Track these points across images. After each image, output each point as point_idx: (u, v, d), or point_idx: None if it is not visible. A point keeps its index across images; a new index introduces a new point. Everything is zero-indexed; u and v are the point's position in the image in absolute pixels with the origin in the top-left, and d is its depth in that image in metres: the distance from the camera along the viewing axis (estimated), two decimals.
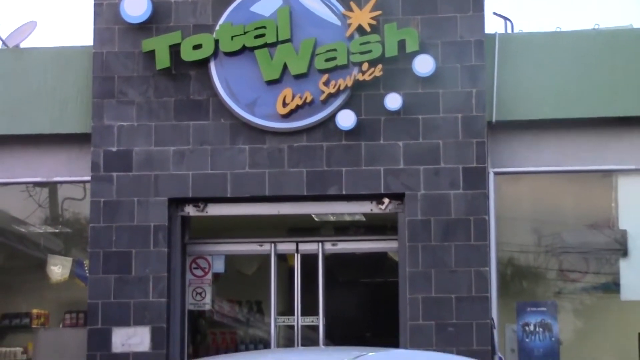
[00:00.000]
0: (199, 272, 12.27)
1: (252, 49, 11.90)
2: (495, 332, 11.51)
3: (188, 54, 11.96)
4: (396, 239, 11.99)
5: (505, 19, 13.00)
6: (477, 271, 11.55)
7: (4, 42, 13.04)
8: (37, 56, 12.79)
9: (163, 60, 11.98)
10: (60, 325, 13.55)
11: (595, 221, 12.55)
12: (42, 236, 14.02)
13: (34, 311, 13.79)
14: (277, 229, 12.63)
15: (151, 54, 12.04)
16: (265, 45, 11.87)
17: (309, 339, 12.11)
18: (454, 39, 11.89)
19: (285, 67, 11.85)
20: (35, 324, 13.72)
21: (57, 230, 13.95)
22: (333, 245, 12.35)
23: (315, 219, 12.74)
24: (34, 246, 14.10)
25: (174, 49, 11.99)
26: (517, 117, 11.97)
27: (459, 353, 10.05)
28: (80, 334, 12.17)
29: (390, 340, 11.57)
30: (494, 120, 11.87)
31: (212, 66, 11.99)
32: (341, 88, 11.75)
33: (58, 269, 13.64)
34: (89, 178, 12.15)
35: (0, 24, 13.21)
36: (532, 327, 11.96)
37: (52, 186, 13.36)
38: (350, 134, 11.77)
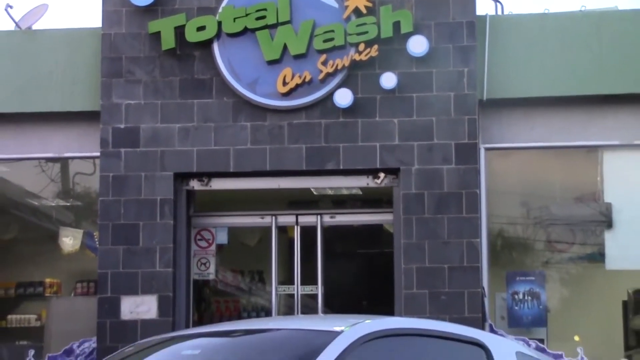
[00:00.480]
0: (203, 244, 12.26)
1: (254, 30, 11.87)
2: (485, 300, 11.52)
3: (192, 35, 11.94)
4: (391, 212, 11.97)
5: (496, 1, 13.01)
6: (468, 242, 11.54)
7: (17, 24, 12.99)
8: (48, 37, 12.76)
9: (168, 41, 11.96)
10: (72, 294, 13.59)
11: (581, 194, 12.55)
12: (54, 209, 14.01)
13: (47, 280, 13.81)
14: (278, 203, 12.61)
15: (157, 36, 12.02)
16: (266, 26, 11.84)
17: (309, 307, 12.12)
18: (447, 21, 11.86)
19: (285, 47, 11.82)
20: (48, 293, 13.75)
21: (68, 204, 13.95)
22: (331, 217, 12.34)
23: (314, 193, 12.76)
24: (47, 219, 14.10)
25: (179, 31, 11.97)
26: (507, 95, 11.94)
27: (451, 320, 10.00)
28: (91, 302, 12.18)
29: (385, 308, 11.57)
30: (484, 98, 11.84)
31: (215, 47, 11.96)
32: (339, 68, 11.73)
33: (69, 240, 13.66)
34: (98, 154, 12.14)
35: (13, 6, 12.98)
36: (521, 296, 11.97)
37: (63, 161, 13.33)
38: (348, 111, 11.74)
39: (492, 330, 11.13)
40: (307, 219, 12.32)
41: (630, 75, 11.86)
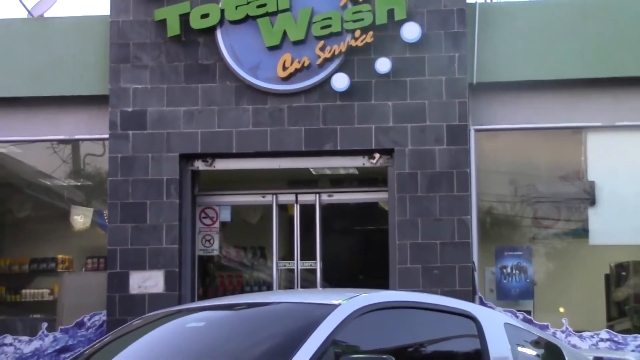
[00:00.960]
0: (207, 221, 12.26)
1: (255, 17, 11.86)
2: (475, 274, 11.54)
3: (196, 23, 11.92)
4: (386, 190, 11.96)
5: None
6: (459, 219, 11.54)
7: (29, 12, 13.00)
8: (59, 25, 12.75)
9: (174, 28, 11.94)
10: (83, 269, 13.63)
11: (566, 173, 12.56)
12: (65, 189, 14.03)
13: (59, 256, 13.84)
14: (278, 182, 12.62)
15: (163, 23, 12.00)
16: (266, 14, 11.82)
17: (308, 281, 12.13)
18: (438, 8, 11.84)
19: (285, 34, 11.80)
20: (61, 268, 13.78)
21: (79, 183, 13.98)
22: (329, 196, 12.34)
23: (313, 173, 12.76)
24: (59, 198, 14.11)
25: (184, 18, 11.95)
26: (496, 79, 11.93)
27: (443, 293, 10.01)
28: (101, 277, 12.19)
29: (381, 282, 11.58)
30: (474, 82, 11.83)
31: (219, 33, 11.95)
32: (336, 53, 11.72)
33: (80, 218, 13.69)
34: (107, 136, 12.14)
35: None
36: (509, 270, 11.98)
37: (74, 143, 13.35)
38: (344, 94, 11.73)
39: (481, 303, 11.13)
40: (306, 198, 12.30)
41: (612, 60, 11.85)
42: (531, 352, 6.94)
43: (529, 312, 11.69)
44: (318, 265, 12.07)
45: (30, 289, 13.89)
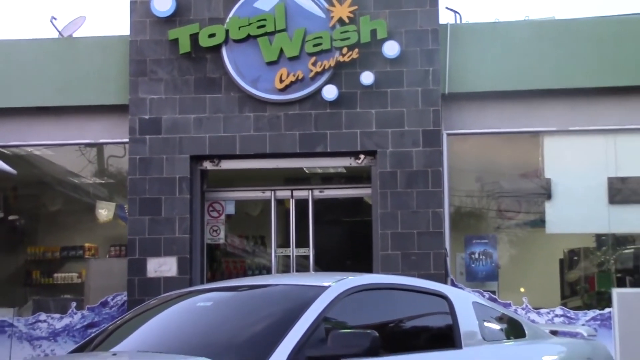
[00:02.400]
0: (214, 214, 12.24)
1: (255, 37, 11.83)
2: (448, 259, 11.52)
3: (204, 41, 11.88)
4: (370, 187, 11.95)
5: (455, 12, 13.09)
6: (433, 212, 11.53)
7: (60, 33, 13.00)
8: (85, 44, 12.72)
9: (185, 46, 11.90)
10: (107, 256, 13.62)
11: (525, 171, 12.57)
12: (91, 186, 14.03)
13: (86, 245, 13.85)
14: (276, 180, 12.57)
15: (175, 41, 11.96)
16: (265, 34, 11.80)
17: (302, 265, 12.11)
18: (415, 28, 11.82)
19: (281, 51, 11.77)
20: (87, 255, 13.79)
21: (103, 181, 13.96)
22: (320, 192, 12.32)
23: (306, 171, 12.73)
24: (85, 194, 14.10)
25: (193, 37, 11.91)
26: (465, 89, 11.93)
27: (419, 276, 10.00)
28: (122, 263, 12.15)
29: (365, 266, 11.56)
30: (446, 92, 11.82)
31: (224, 51, 11.91)
32: (326, 68, 11.70)
33: (104, 211, 13.69)
34: (127, 140, 12.10)
35: (57, 18, 12.97)
36: (476, 255, 11.98)
37: (98, 146, 13.32)
38: (333, 104, 11.71)
39: (453, 284, 11.11)
40: (301, 193, 12.28)
41: (564, 73, 11.85)
42: (496, 326, 6.93)
43: (494, 292, 11.70)
44: (311, 252, 12.05)
45: (61, 273, 13.89)
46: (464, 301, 6.72)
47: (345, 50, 11.67)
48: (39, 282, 13.79)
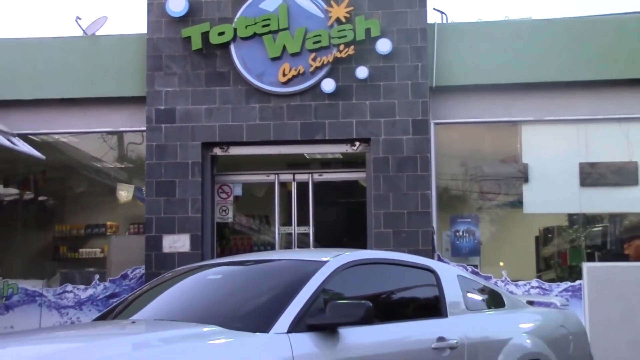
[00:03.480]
0: (223, 195, 12.22)
1: (261, 35, 11.78)
2: (434, 237, 11.52)
3: (215, 39, 11.84)
4: (364, 171, 11.92)
5: (442, 12, 13.07)
6: (422, 194, 11.51)
7: (84, 31, 12.96)
8: (107, 41, 12.68)
9: (197, 43, 11.86)
10: (126, 233, 13.63)
11: (505, 157, 12.55)
12: (112, 170, 14.02)
13: (108, 223, 13.86)
14: (279, 164, 12.53)
15: (188, 39, 11.92)
16: (270, 32, 11.75)
17: (303, 242, 12.10)
18: (405, 27, 11.78)
19: (284, 47, 11.72)
20: (109, 232, 13.81)
21: (123, 166, 13.95)
22: (319, 175, 12.31)
23: (307, 157, 12.70)
24: (107, 177, 14.10)
25: (204, 35, 11.86)
26: (451, 83, 11.89)
27: (409, 252, 9.98)
28: (141, 239, 12.13)
29: (360, 243, 11.56)
30: (434, 85, 11.79)
31: (232, 47, 11.86)
32: (324, 63, 11.66)
33: (124, 193, 13.68)
34: (145, 128, 12.06)
35: (81, 18, 12.94)
36: (460, 233, 11.97)
37: (119, 134, 13.28)
38: (331, 95, 11.67)
39: (439, 259, 11.11)
40: (301, 177, 12.26)
41: (540, 68, 11.81)
42: (478, 297, 6.94)
43: (476, 266, 11.70)
44: (311, 230, 12.04)
45: (86, 248, 13.91)
46: (449, 274, 6.73)
47: (342, 47, 11.64)
48: (66, 257, 13.80)
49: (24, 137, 12.17)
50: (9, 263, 13.29)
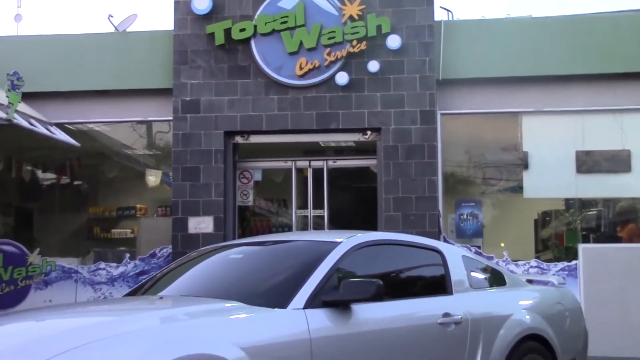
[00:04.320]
0: (244, 180, 12.22)
1: (279, 31, 11.75)
2: (440, 219, 11.50)
3: (236, 35, 11.82)
4: (375, 158, 11.89)
5: (448, 10, 13.08)
6: (429, 179, 11.48)
7: (116, 28, 12.96)
8: (137, 37, 12.68)
9: (220, 39, 11.85)
10: (155, 215, 13.61)
11: (506, 145, 12.51)
12: (141, 157, 14.02)
13: (138, 206, 13.86)
14: (296, 152, 12.51)
15: (212, 35, 11.90)
16: (287, 28, 11.72)
17: (318, 224, 12.11)
18: (414, 24, 11.73)
19: (301, 43, 11.69)
20: (139, 214, 13.81)
21: (151, 153, 13.94)
22: (333, 162, 12.30)
23: (322, 145, 12.67)
24: (137, 163, 14.10)
25: (227, 31, 11.84)
26: (456, 76, 11.84)
27: (416, 234, 9.96)
28: (168, 221, 12.13)
29: (371, 226, 11.55)
30: (440, 78, 11.75)
31: (253, 43, 11.83)
32: (338, 57, 11.63)
33: (153, 178, 13.68)
34: (171, 118, 12.05)
35: (113, 16, 12.93)
36: (465, 216, 11.94)
37: (148, 123, 13.28)
38: (345, 88, 11.64)
39: (445, 240, 11.08)
40: (317, 163, 12.24)
41: (540, 62, 11.76)
42: (481, 276, 6.91)
43: (479, 247, 11.68)
44: (325, 213, 12.03)
45: (117, 229, 13.91)
46: (454, 255, 6.71)
47: (354, 42, 11.60)
48: (99, 237, 13.83)
49: (61, 126, 12.18)
50: (48, 242, 13.38)
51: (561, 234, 12.64)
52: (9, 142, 13.53)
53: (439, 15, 12.75)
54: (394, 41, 11.58)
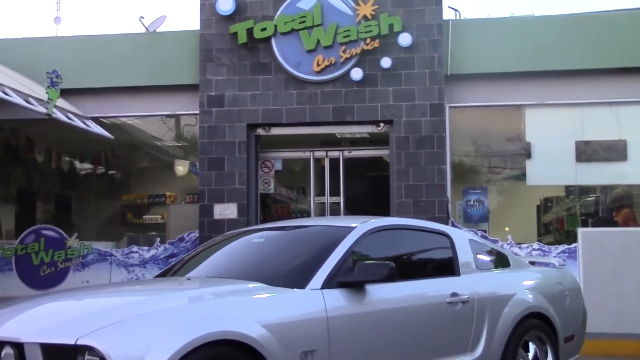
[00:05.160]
0: (266, 170, 12.21)
1: (298, 30, 11.72)
2: (449, 205, 11.47)
3: (258, 34, 11.80)
4: (388, 148, 11.85)
5: (455, 10, 12.92)
6: (438, 168, 11.44)
7: (146, 29, 12.93)
8: (166, 37, 12.66)
9: (242, 37, 11.82)
10: (183, 202, 13.63)
11: (510, 136, 12.44)
12: (170, 148, 14.07)
13: (167, 193, 13.92)
14: (314, 142, 12.50)
15: (235, 34, 11.88)
16: (305, 27, 11.69)
17: (334, 210, 12.10)
18: (423, 23, 11.67)
19: (318, 41, 11.66)
20: (168, 201, 13.86)
21: (179, 144, 13.98)
22: (349, 152, 12.26)
23: (338, 136, 12.63)
24: (166, 154, 14.16)
25: (249, 31, 11.82)
26: (463, 71, 11.76)
27: (426, 219, 9.94)
28: (195, 208, 12.16)
29: (384, 211, 11.52)
30: (448, 73, 11.68)
31: (273, 41, 11.81)
32: (353, 54, 11.59)
33: (181, 168, 13.73)
34: (198, 111, 12.06)
35: (144, 17, 12.94)
36: (471, 202, 11.90)
37: (176, 117, 13.25)
38: (359, 83, 11.60)
39: (453, 225, 11.04)
40: (333, 153, 12.22)
41: (541, 58, 11.67)
42: (486, 258, 6.89)
43: (485, 231, 11.64)
44: (341, 199, 12.02)
45: (149, 215, 13.97)
46: (462, 238, 6.69)
47: (368, 40, 11.56)
48: (132, 222, 13.89)
49: (96, 120, 12.22)
50: (85, 227, 13.46)
51: (562, 218, 12.60)
52: (49, 135, 13.67)
53: (447, 14, 12.73)
54: (405, 39, 11.54)
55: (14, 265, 12.14)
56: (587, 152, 11.74)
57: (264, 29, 11.79)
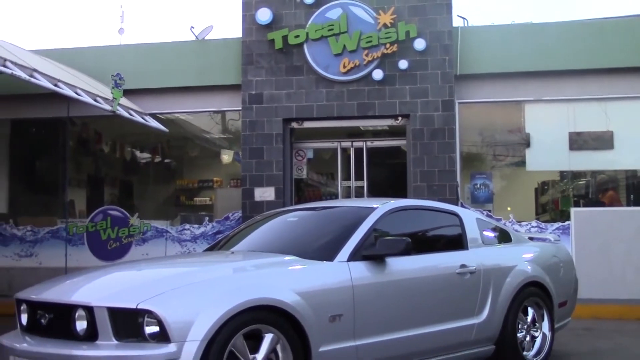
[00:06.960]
0: (299, 158, 12.21)
1: (327, 37, 11.68)
2: (458, 189, 11.41)
3: (292, 40, 11.77)
4: (405, 139, 11.80)
5: (464, 18, 12.81)
6: (449, 156, 11.39)
7: (196, 37, 12.94)
8: (213, 43, 12.65)
9: (278, 43, 11.81)
10: (228, 186, 13.61)
11: (512, 128, 12.33)
12: (217, 139, 14.07)
13: (215, 178, 13.87)
14: (341, 134, 12.45)
15: (272, 41, 11.86)
16: (333, 34, 11.64)
17: (359, 193, 12.07)
18: (436, 30, 11.57)
19: (344, 46, 11.61)
20: (215, 185, 13.82)
21: (225, 136, 13.96)
22: (371, 143, 12.22)
23: (361, 129, 12.58)
24: (214, 145, 14.17)
25: (284, 38, 11.80)
26: (471, 72, 11.66)
27: (439, 201, 9.87)
28: (238, 191, 12.18)
29: (402, 194, 11.49)
30: (458, 73, 11.59)
31: (305, 47, 11.78)
32: (375, 57, 11.53)
33: (226, 156, 13.72)
34: (240, 108, 12.07)
35: (194, 27, 12.94)
36: (478, 186, 11.82)
37: (222, 113, 13.25)
38: (380, 82, 11.55)
39: (462, 206, 10.99)
40: (358, 144, 12.17)
41: (539, 59, 11.54)
42: (491, 234, 6.84)
43: (490, 211, 11.57)
44: (365, 184, 11.99)
45: (199, 197, 13.95)
46: (470, 217, 6.65)
47: (388, 45, 11.49)
48: (184, 204, 13.91)
49: (153, 116, 12.30)
50: (145, 208, 13.55)
51: (557, 199, 12.50)
52: (114, 130, 13.79)
53: (457, 22, 12.56)
54: (419, 44, 11.45)
55: (85, 240, 12.34)
56: (578, 141, 11.64)
57: (297, 36, 11.75)
